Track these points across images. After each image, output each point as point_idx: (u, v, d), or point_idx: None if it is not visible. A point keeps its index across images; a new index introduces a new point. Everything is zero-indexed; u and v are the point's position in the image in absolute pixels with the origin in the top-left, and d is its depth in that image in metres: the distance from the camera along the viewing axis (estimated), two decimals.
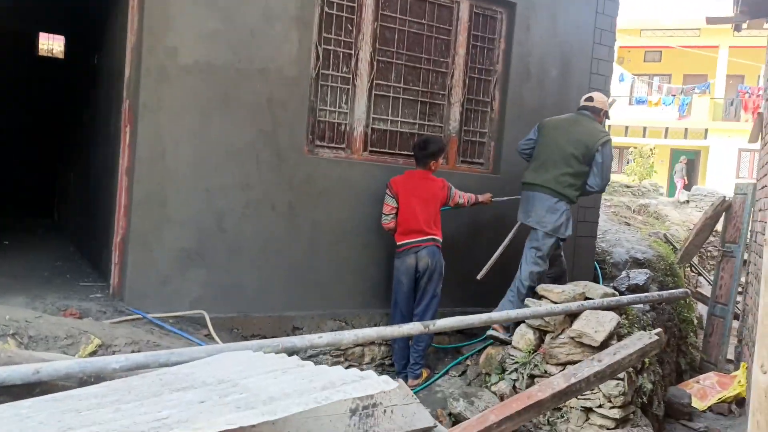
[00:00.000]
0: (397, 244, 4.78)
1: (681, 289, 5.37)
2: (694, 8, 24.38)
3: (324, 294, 4.91)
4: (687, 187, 19.69)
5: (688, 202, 15.28)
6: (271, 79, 4.57)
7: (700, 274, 8.35)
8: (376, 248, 5.10)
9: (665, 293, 5.02)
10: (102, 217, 5.03)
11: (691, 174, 25.58)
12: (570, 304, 4.33)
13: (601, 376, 3.32)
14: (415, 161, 4.94)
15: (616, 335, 4.25)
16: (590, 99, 5.18)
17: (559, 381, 3.19)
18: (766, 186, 5.59)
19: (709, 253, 9.10)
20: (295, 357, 2.63)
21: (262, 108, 4.56)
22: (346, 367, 4.75)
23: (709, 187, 18.14)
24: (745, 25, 6.83)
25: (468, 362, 4.98)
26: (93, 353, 3.17)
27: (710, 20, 6.85)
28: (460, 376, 4.83)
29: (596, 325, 4.19)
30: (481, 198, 5.10)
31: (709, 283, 8.17)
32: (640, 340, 3.60)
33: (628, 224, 8.07)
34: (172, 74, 4.23)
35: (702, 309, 7.30)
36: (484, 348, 5.07)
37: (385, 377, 1.73)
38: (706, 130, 24.51)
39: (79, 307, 4.02)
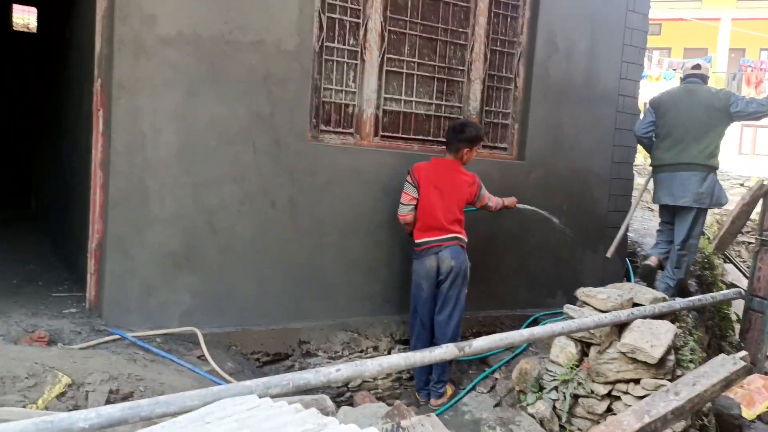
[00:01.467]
0: (416, 242, 4.17)
1: (734, 289, 4.85)
2: None
3: (332, 301, 4.33)
4: None
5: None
6: (268, 52, 3.93)
7: (727, 261, 7.85)
8: (389, 247, 4.51)
9: (719, 295, 4.49)
10: (78, 216, 4.41)
11: None
12: (619, 312, 3.77)
13: (679, 413, 2.77)
14: (446, 146, 4.29)
15: (674, 348, 3.71)
16: (698, 67, 5.12)
17: (629, 420, 2.63)
18: None
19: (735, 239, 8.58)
20: (313, 411, 2.06)
21: (258, 87, 3.93)
22: (360, 384, 4.22)
23: None
24: None
25: (496, 375, 4.43)
26: (61, 395, 2.58)
27: None
28: (488, 392, 4.28)
29: (651, 337, 3.64)
30: (506, 202, 4.50)
31: (740, 270, 7.67)
32: (723, 366, 3.05)
33: (651, 209, 7.53)
34: (151, 47, 3.58)
35: (735, 302, 6.80)
36: (513, 358, 4.54)
37: None
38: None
39: (49, 327, 3.41)
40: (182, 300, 3.82)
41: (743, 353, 3.33)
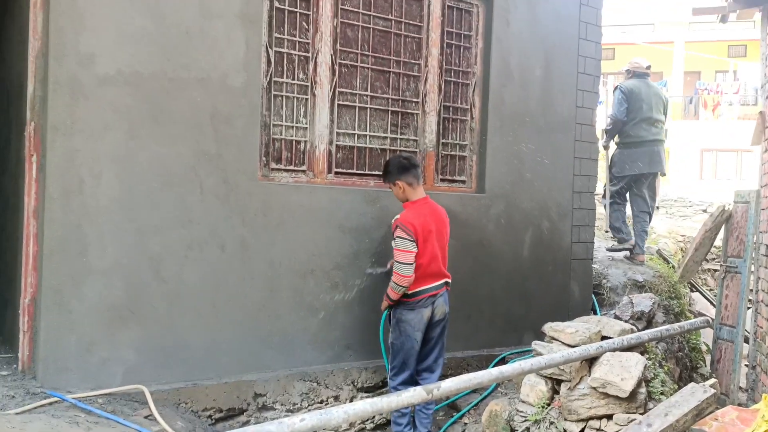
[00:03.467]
0: (408, 292, 4.12)
1: (702, 318, 5.09)
2: (648, 1, 25.13)
3: (289, 348, 4.37)
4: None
5: (657, 208, 15.40)
6: (214, 89, 4.04)
7: (693, 290, 8.21)
8: (346, 288, 4.60)
9: (687, 324, 4.72)
10: (5, 270, 4.35)
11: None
12: (588, 346, 3.94)
13: None
14: (414, 181, 4.24)
15: (644, 381, 3.88)
16: (649, 68, 6.90)
17: None
18: None
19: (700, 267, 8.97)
20: None
21: (204, 125, 4.02)
22: None
23: (675, 191, 18.41)
24: (734, 16, 6.72)
25: (465, 420, 4.52)
26: None
27: (697, 11, 6.72)
28: None
29: (621, 371, 3.80)
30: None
31: (706, 298, 8.02)
32: (693, 395, 3.23)
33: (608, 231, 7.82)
34: (89, 87, 3.64)
35: (704, 332, 7.10)
36: (482, 400, 4.65)
37: None
38: (666, 130, 25.00)
39: None
40: (126, 356, 3.80)
41: (712, 380, 3.53)
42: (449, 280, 4.29)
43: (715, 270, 9.10)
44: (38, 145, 3.66)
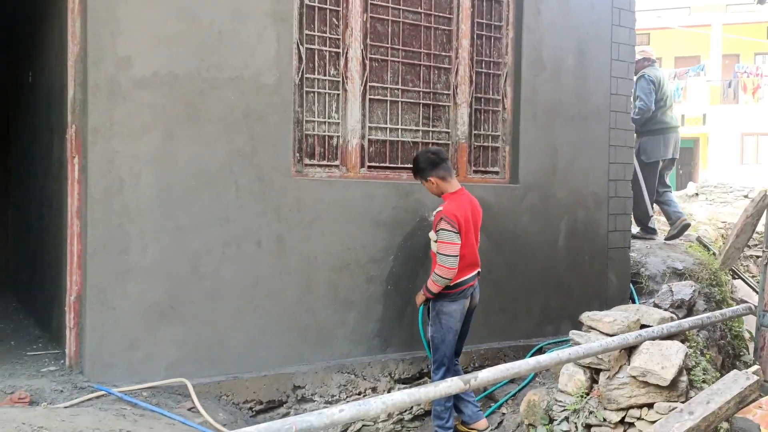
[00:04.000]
0: (451, 284, 4.11)
1: (744, 305, 5.00)
2: None
3: (326, 342, 4.42)
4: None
5: (697, 195, 15.09)
6: (247, 88, 4.09)
7: (735, 277, 8.04)
8: (383, 282, 4.63)
9: (728, 311, 4.65)
10: (50, 269, 4.49)
11: (691, 163, 25.64)
12: (626, 335, 3.90)
13: None
14: (448, 173, 4.22)
15: (685, 369, 3.84)
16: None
17: None
18: None
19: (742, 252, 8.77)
20: None
21: (238, 123, 4.08)
22: (359, 429, 4.29)
23: (714, 176, 18.01)
24: None
25: (503, 410, 4.52)
26: None
27: None
28: (496, 428, 4.37)
29: (661, 359, 3.76)
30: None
31: (749, 285, 7.85)
32: (735, 382, 3.18)
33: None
34: (127, 90, 3.73)
35: (747, 319, 6.96)
36: (520, 390, 4.64)
37: None
38: (705, 116, 24.50)
39: (29, 387, 3.47)
40: (168, 351, 3.89)
41: (755, 367, 3.47)
42: (480, 270, 4.29)
43: (758, 256, 8.89)
44: (79, 148, 3.77)
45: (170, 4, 3.83)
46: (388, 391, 4.49)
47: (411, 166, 4.39)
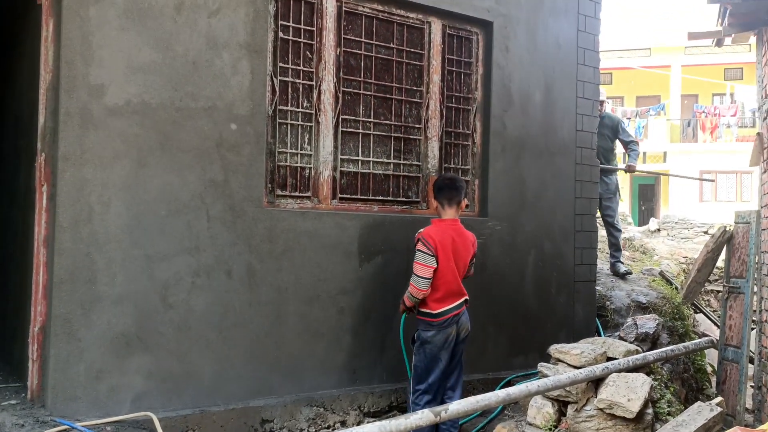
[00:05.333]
0: (433, 313, 4.13)
1: (706, 338, 5.11)
2: (644, 28, 25.42)
3: (295, 374, 4.38)
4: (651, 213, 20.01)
5: (659, 230, 15.41)
6: (220, 118, 4.11)
7: (697, 312, 8.21)
8: (353, 313, 4.63)
9: (691, 344, 4.74)
10: (13, 299, 4.39)
11: (653, 200, 26.24)
12: (593, 367, 3.96)
13: None
14: (446, 202, 4.26)
15: (651, 401, 3.89)
16: None
17: None
18: None
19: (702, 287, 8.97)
20: None
21: (211, 153, 4.08)
22: None
23: (676, 213, 18.44)
24: (729, 40, 6.82)
25: None
26: None
27: (693, 35, 6.81)
28: None
29: (627, 391, 3.82)
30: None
31: (710, 319, 8.02)
32: (699, 413, 3.24)
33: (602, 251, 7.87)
34: (99, 118, 3.71)
35: (709, 353, 7.09)
36: (489, 423, 4.64)
37: None
38: (665, 153, 25.19)
39: None
40: (134, 383, 3.81)
41: (718, 399, 3.54)
42: (467, 298, 4.30)
43: (718, 291, 9.10)
44: (49, 176, 3.72)
45: (145, 33, 3.85)
46: (357, 425, 4.45)
47: (383, 197, 4.40)
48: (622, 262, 7.30)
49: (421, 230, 4.18)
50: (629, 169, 7.62)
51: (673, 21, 24.66)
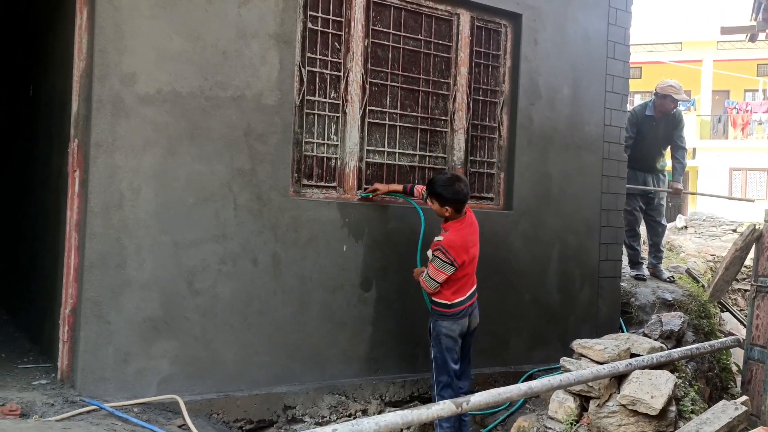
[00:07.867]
0: (449, 304, 4.18)
1: (732, 336, 5.06)
2: (675, 21, 25.01)
3: (318, 362, 4.43)
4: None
5: (686, 227, 15.21)
6: (248, 108, 4.15)
7: (723, 310, 8.10)
8: (376, 303, 4.66)
9: (717, 342, 4.70)
10: (43, 281, 4.49)
11: (680, 196, 25.87)
12: (617, 363, 3.94)
13: None
14: (460, 205, 4.21)
15: (674, 399, 3.87)
16: None
17: None
18: None
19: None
20: None
21: (239, 142, 4.12)
22: None
23: (704, 209, 18.17)
24: (763, 35, 6.71)
25: None
26: None
27: (725, 30, 6.71)
28: None
29: (651, 388, 3.80)
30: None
31: (737, 318, 7.91)
32: (724, 412, 3.23)
33: (644, 258, 7.79)
34: (130, 106, 3.77)
35: (734, 352, 7.01)
36: (510, 416, 4.65)
37: None
38: (695, 149, 24.80)
39: (20, 399, 3.45)
40: (161, 366, 3.89)
41: (744, 398, 3.51)
42: (476, 287, 4.34)
43: (746, 290, 8.97)
44: (81, 162, 3.79)
45: (176, 22, 3.89)
46: (379, 414, 4.49)
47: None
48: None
49: (441, 239, 4.15)
50: (676, 192, 7.28)
51: (705, 15, 24.22)
